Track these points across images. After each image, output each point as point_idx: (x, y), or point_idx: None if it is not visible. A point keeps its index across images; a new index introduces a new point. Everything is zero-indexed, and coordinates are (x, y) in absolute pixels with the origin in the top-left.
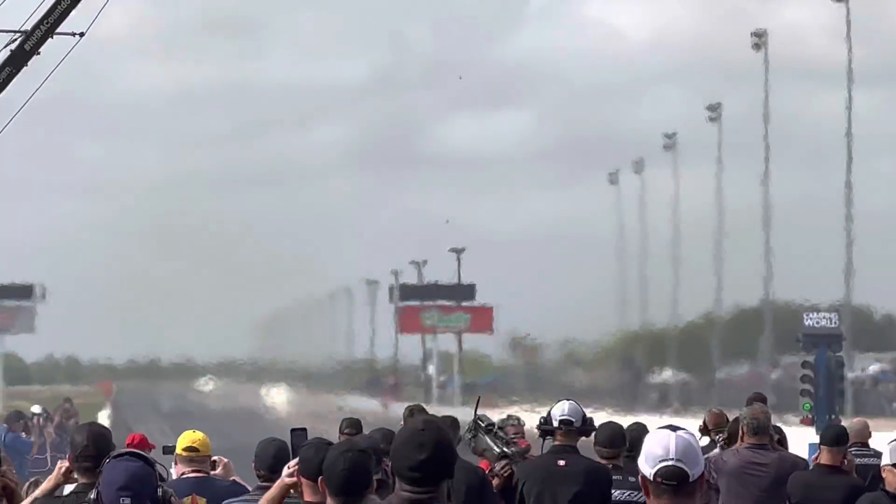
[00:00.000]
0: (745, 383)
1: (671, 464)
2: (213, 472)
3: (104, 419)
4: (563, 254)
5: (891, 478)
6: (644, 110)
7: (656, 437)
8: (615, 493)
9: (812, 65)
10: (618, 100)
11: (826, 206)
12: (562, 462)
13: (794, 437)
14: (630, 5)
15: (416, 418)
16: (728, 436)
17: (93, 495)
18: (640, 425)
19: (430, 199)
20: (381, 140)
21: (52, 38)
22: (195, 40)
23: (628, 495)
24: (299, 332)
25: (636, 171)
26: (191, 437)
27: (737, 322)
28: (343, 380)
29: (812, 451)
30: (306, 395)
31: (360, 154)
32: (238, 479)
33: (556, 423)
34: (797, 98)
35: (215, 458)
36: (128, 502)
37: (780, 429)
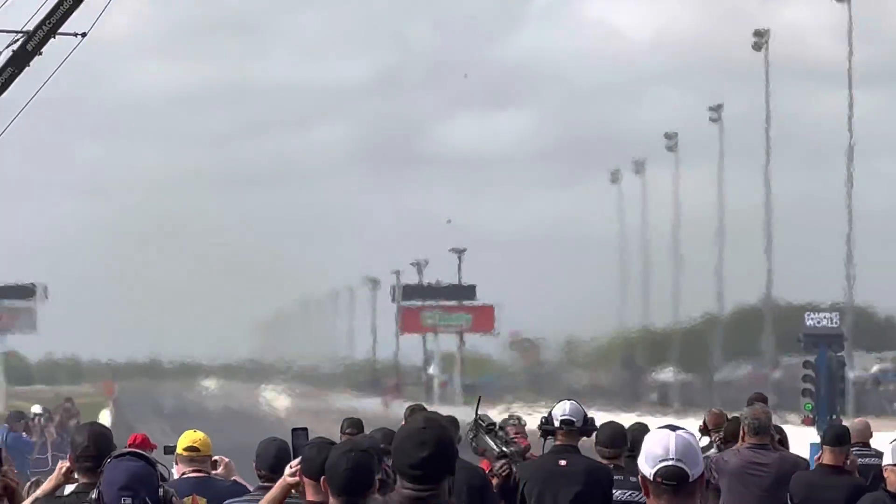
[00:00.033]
0: (745, 383)
1: (671, 464)
2: (215, 472)
3: (105, 419)
4: (563, 254)
5: (892, 477)
6: (645, 110)
7: (656, 437)
8: (616, 494)
9: (813, 65)
10: (619, 100)
11: (827, 205)
12: (563, 462)
13: (796, 437)
14: (631, 5)
15: (418, 416)
16: (724, 435)
17: (94, 495)
18: (642, 425)
19: (431, 199)
20: (382, 140)
21: (54, 38)
22: (197, 40)
23: (629, 495)
24: (300, 332)
25: (637, 172)
26: (192, 437)
27: (738, 322)
28: (344, 380)
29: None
30: (307, 395)
31: (360, 154)
32: (239, 478)
33: (557, 423)
34: (798, 98)
35: (216, 457)
36: (129, 502)
37: (781, 429)
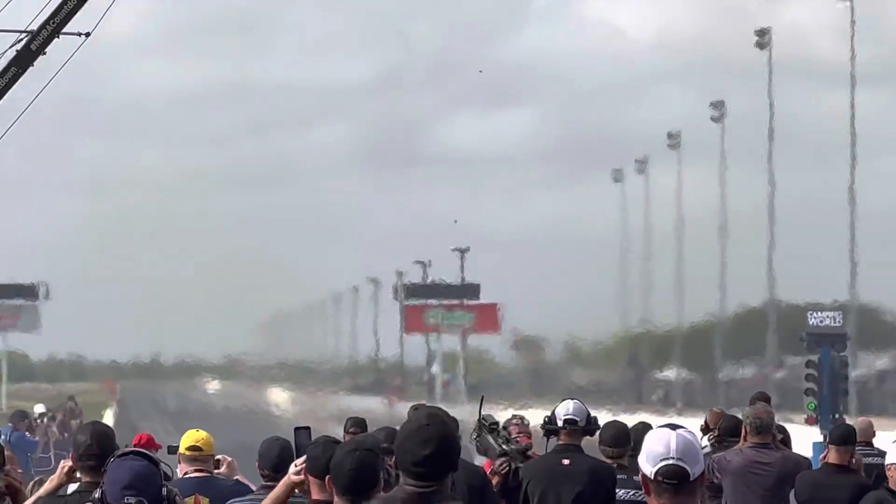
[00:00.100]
0: (748, 383)
1: (672, 462)
2: (218, 471)
3: (109, 418)
4: (566, 253)
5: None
6: (647, 109)
7: (657, 436)
8: (620, 493)
9: (815, 64)
10: (621, 99)
11: (830, 205)
12: (566, 461)
13: (798, 436)
14: (632, 5)
15: (421, 411)
16: (718, 433)
17: (97, 494)
18: (645, 425)
19: (434, 198)
20: (384, 140)
21: (58, 37)
22: (198, 40)
23: (633, 494)
24: (303, 332)
25: (639, 171)
26: (194, 437)
27: (740, 321)
28: (347, 379)
29: (816, 450)
30: (310, 395)
31: (362, 154)
32: (242, 478)
33: (560, 423)
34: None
35: (219, 456)
36: (132, 501)
37: (783, 428)
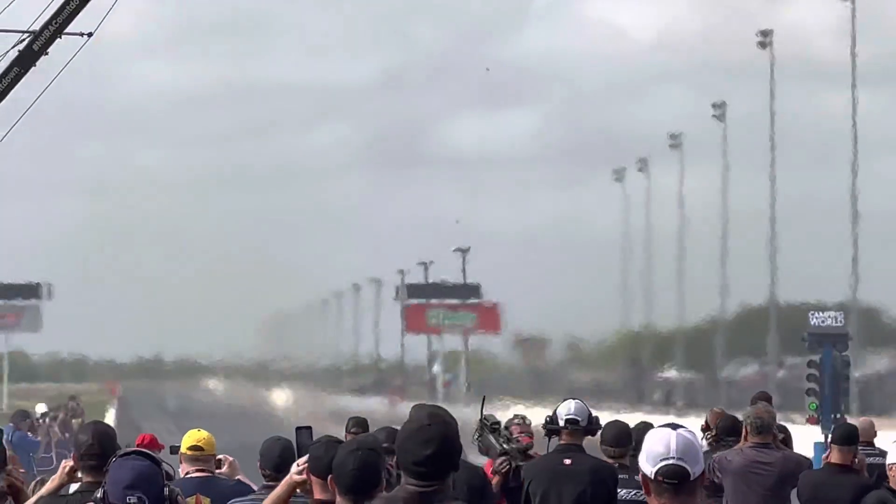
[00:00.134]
0: (749, 382)
1: (672, 462)
2: (219, 471)
3: (110, 418)
4: (568, 253)
5: None
6: (649, 110)
7: (657, 436)
8: (621, 492)
9: (817, 64)
10: (623, 99)
11: (831, 205)
12: (567, 461)
13: (800, 436)
14: (634, 5)
15: (422, 410)
16: (716, 432)
17: (99, 494)
18: (647, 424)
19: (436, 198)
20: (386, 140)
21: (60, 38)
22: (200, 40)
23: (634, 494)
24: (305, 332)
25: (641, 171)
26: (196, 437)
27: (742, 321)
28: (348, 379)
29: (817, 450)
30: (312, 394)
31: (364, 154)
32: (243, 477)
33: (561, 423)
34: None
35: (220, 456)
36: (134, 501)
37: (784, 428)
